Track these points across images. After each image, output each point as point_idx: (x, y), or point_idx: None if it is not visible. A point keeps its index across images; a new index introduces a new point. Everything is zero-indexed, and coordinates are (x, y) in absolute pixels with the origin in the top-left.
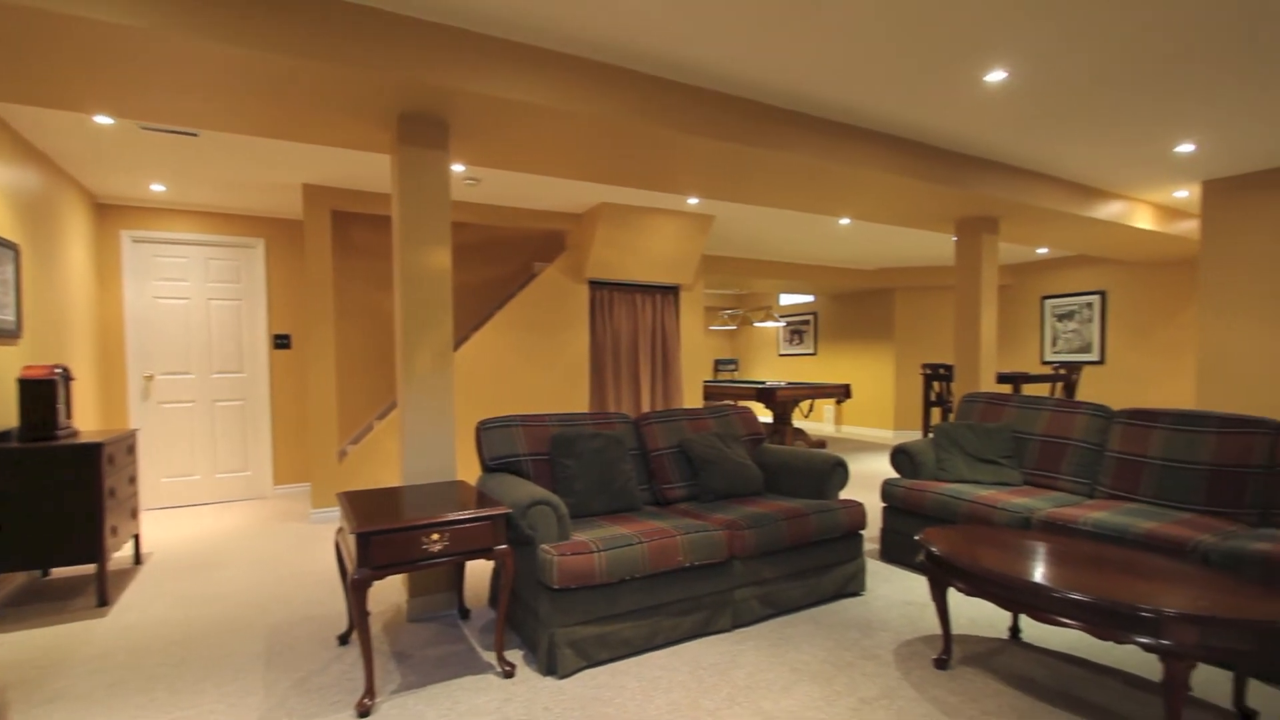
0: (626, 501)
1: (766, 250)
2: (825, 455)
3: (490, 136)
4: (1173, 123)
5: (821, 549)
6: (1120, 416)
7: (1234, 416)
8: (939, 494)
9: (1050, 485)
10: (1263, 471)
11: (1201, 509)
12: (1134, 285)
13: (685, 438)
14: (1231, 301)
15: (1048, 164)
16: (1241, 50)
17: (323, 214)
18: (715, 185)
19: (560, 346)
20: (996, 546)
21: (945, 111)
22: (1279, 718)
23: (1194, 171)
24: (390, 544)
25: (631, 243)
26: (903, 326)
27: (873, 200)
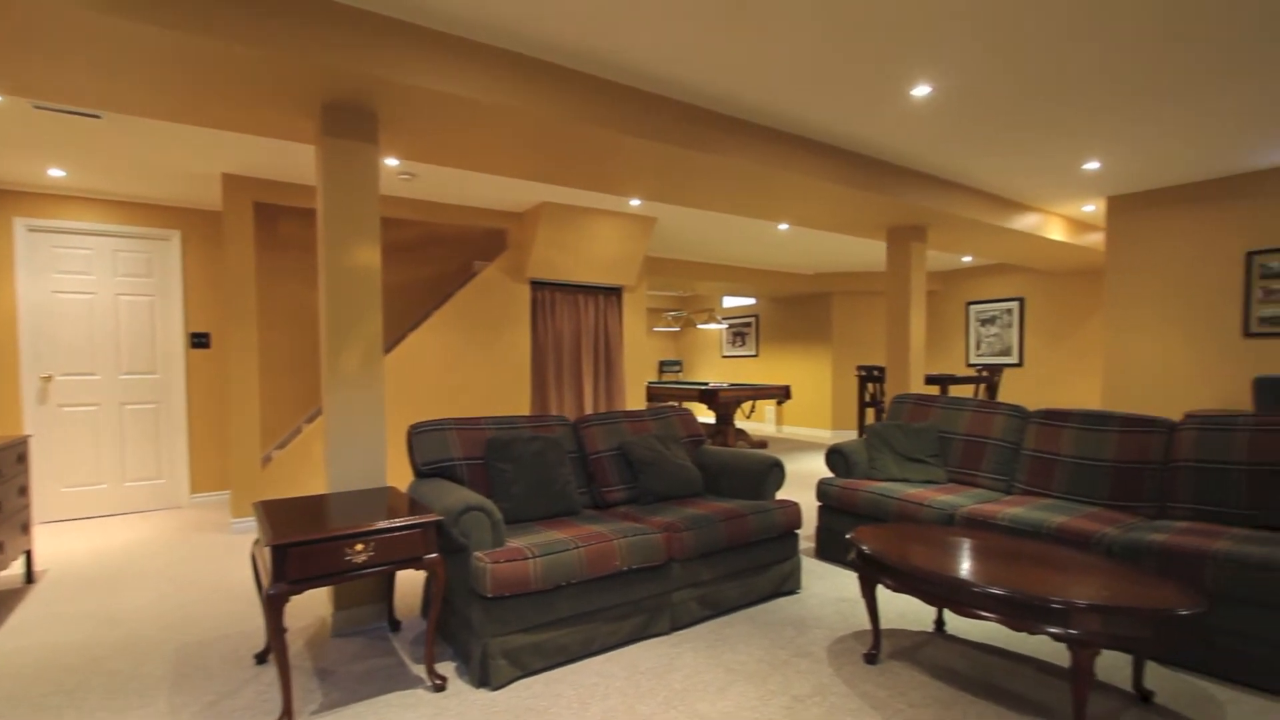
0: (565, 505)
1: (709, 253)
2: (763, 456)
3: (423, 130)
4: (1080, 142)
5: (759, 549)
6: (1035, 417)
7: (1134, 417)
8: (870, 492)
9: (972, 482)
10: (1159, 468)
11: (1106, 503)
12: (1048, 293)
13: (625, 440)
14: (1133, 309)
15: (970, 176)
16: (1141, 78)
17: (244, 205)
18: (656, 188)
19: (501, 348)
20: (922, 544)
21: (876, 123)
22: (1173, 696)
23: (1100, 187)
24: (309, 556)
25: (574, 243)
26: (840, 329)
27: (808, 206)
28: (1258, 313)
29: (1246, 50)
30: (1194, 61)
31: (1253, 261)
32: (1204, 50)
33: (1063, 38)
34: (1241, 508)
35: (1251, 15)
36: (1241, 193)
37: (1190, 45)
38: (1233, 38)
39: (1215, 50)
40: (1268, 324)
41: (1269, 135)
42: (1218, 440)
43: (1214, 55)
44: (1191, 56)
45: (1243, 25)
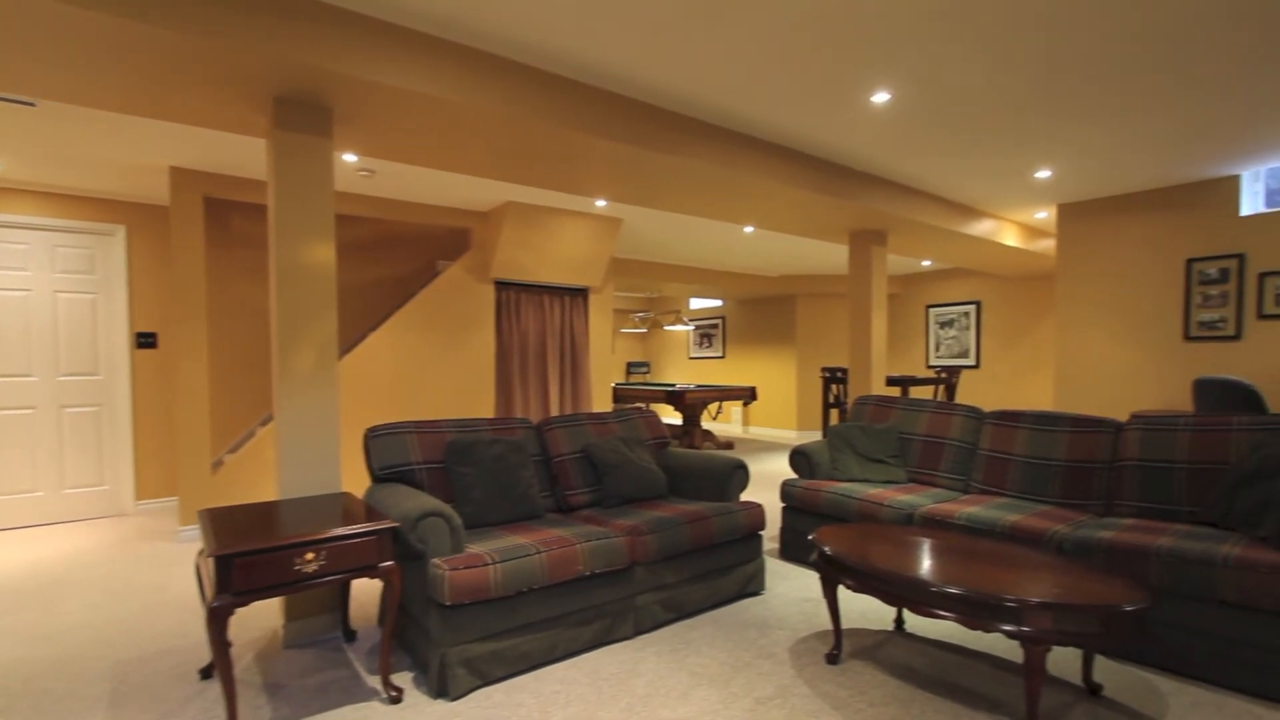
0: (527, 509)
1: (676, 255)
2: (726, 458)
3: (380, 126)
4: (1032, 151)
5: (723, 551)
6: (990, 417)
7: (1082, 418)
8: (832, 493)
9: (931, 482)
10: (1106, 467)
11: (1058, 501)
12: (1004, 297)
13: (589, 442)
14: (1082, 313)
15: (929, 183)
16: (1087, 92)
17: (193, 200)
18: (622, 189)
19: (465, 349)
20: (881, 544)
21: (837, 128)
22: (1120, 689)
23: (1051, 195)
24: (256, 566)
25: (539, 243)
26: (804, 331)
27: (773, 210)
28: (1196, 317)
29: (1187, 68)
30: (1138, 77)
31: (1192, 268)
32: (1147, 67)
33: (1013, 52)
34: (1183, 505)
35: (1193, 35)
36: (1182, 202)
37: (1134, 61)
38: (1174, 56)
39: (1158, 67)
40: (1205, 328)
41: (1206, 149)
42: (1161, 440)
43: (1157, 72)
44: (1135, 72)
45: (1184, 44)
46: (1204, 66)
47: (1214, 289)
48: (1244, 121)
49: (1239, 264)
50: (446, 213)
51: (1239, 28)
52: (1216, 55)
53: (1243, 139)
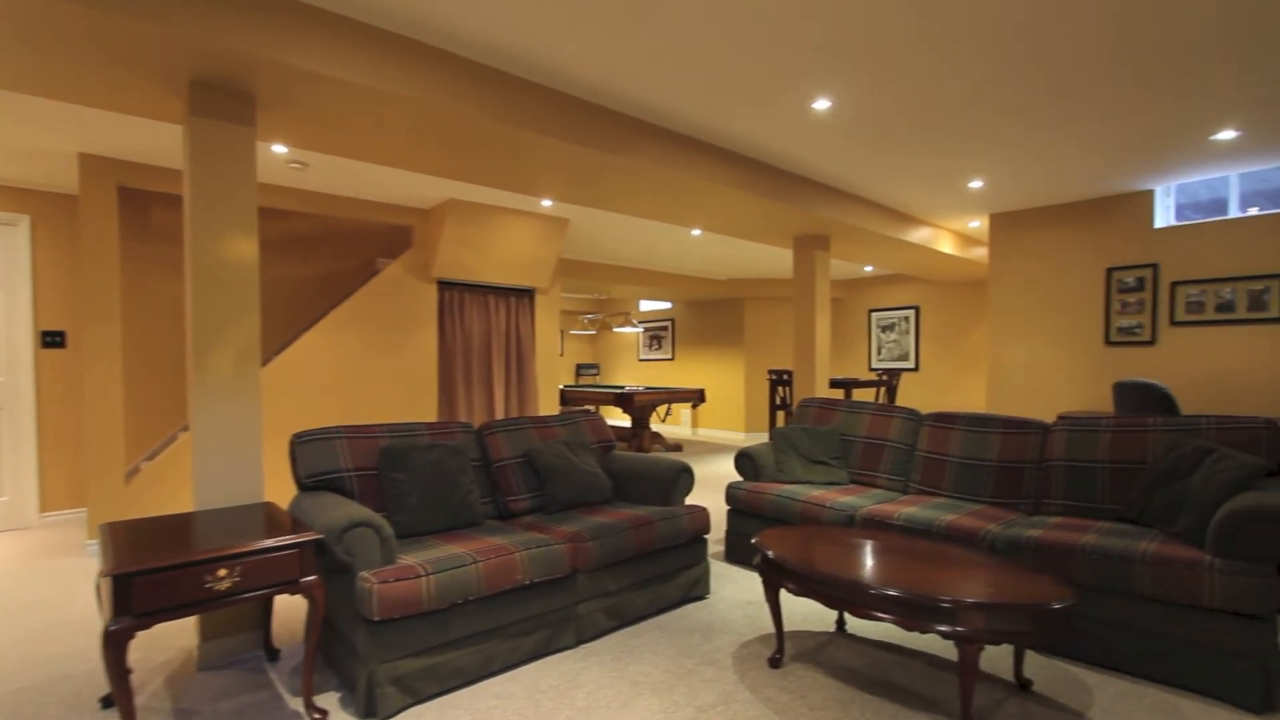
0: (466, 517)
1: (625, 256)
2: (671, 461)
3: (310, 116)
4: (965, 162)
5: (667, 556)
6: (927, 420)
7: (1013, 419)
8: (776, 495)
9: (871, 483)
10: (1035, 467)
11: (990, 500)
12: (940, 302)
13: (532, 447)
14: (1013, 318)
15: (870, 190)
16: (1014, 107)
17: (106, 190)
18: (567, 188)
19: (405, 351)
20: (822, 547)
21: (781, 134)
22: (1049, 683)
23: (983, 205)
24: (160, 585)
25: (483, 242)
26: (752, 334)
27: (718, 213)
28: (1116, 323)
29: (1103, 89)
30: (1058, 96)
31: (1111, 277)
32: (1067, 87)
33: (943, 68)
34: (1105, 503)
35: (1107, 59)
36: (1102, 215)
37: (1054, 81)
38: (1091, 78)
39: (1076, 88)
40: (1124, 333)
41: (1123, 164)
42: (1084, 441)
43: (1076, 92)
44: (1056, 91)
45: (1099, 67)
46: (1118, 88)
47: (1131, 297)
48: (1155, 139)
49: (1153, 273)
50: (386, 209)
51: (1150, 54)
52: (1130, 78)
53: (1154, 156)
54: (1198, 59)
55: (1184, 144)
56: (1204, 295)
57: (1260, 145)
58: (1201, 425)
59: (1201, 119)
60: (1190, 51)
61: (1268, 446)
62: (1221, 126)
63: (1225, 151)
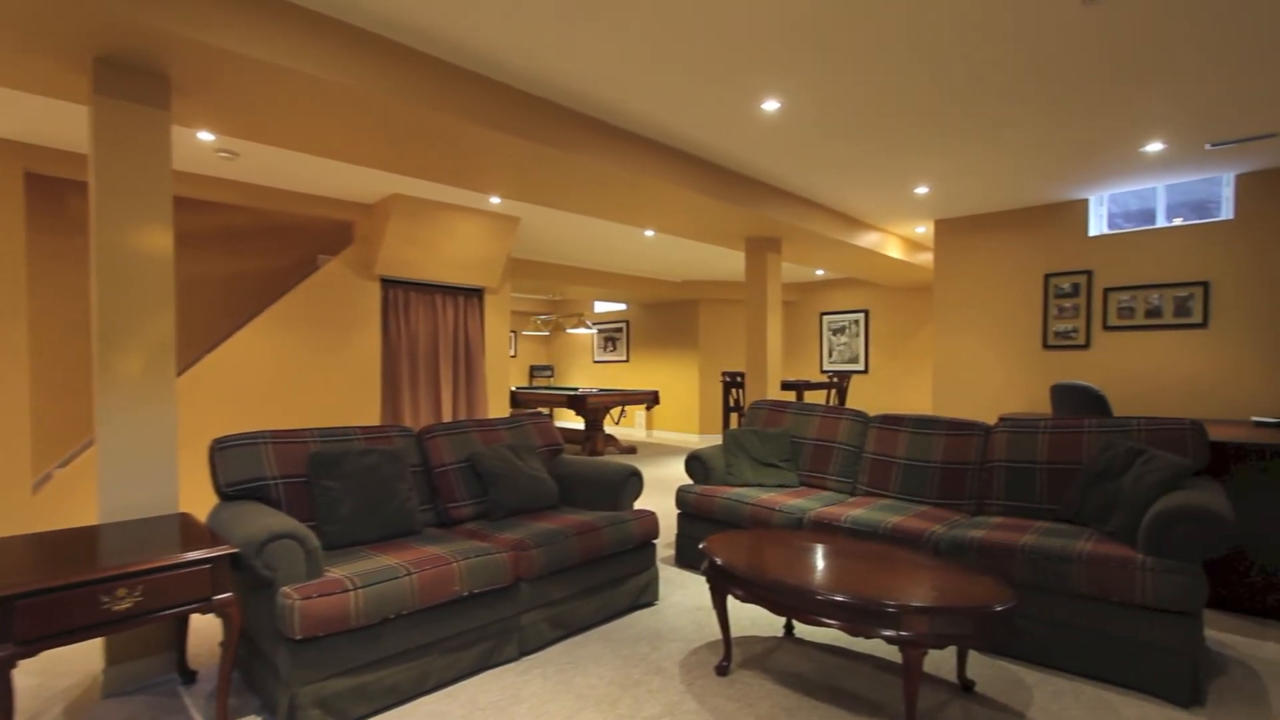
0: (404, 525)
1: (578, 257)
2: (620, 465)
3: (234, 101)
4: (911, 168)
5: (615, 562)
6: (875, 421)
7: (957, 421)
8: (726, 499)
9: (821, 485)
10: (977, 467)
11: (935, 501)
12: (889, 306)
13: (475, 451)
14: (957, 322)
15: (820, 194)
16: (956, 117)
17: (10, 176)
18: (517, 185)
19: (347, 351)
20: (769, 553)
21: (732, 135)
22: (991, 683)
23: (929, 210)
24: (48, 608)
25: (429, 239)
26: (706, 336)
27: (671, 214)
28: (1053, 327)
29: (1042, 99)
30: (1000, 105)
31: (1049, 283)
32: (1008, 96)
33: (888, 74)
34: (1044, 503)
35: (1042, 68)
36: (1041, 222)
37: (995, 90)
38: (1030, 88)
39: (1017, 97)
40: (1060, 337)
41: (1059, 173)
42: (1024, 442)
43: (1016, 102)
44: (997, 101)
45: (1036, 74)
46: (1053, 99)
47: (1067, 302)
48: (1088, 150)
49: (1088, 280)
50: (327, 203)
51: (1083, 68)
52: (1064, 90)
53: (1088, 166)
54: (1127, 73)
55: (1115, 155)
56: (1134, 301)
57: (1184, 158)
58: (1132, 426)
59: (1131, 131)
60: (1120, 66)
61: (1193, 446)
62: (1149, 139)
63: (1153, 163)
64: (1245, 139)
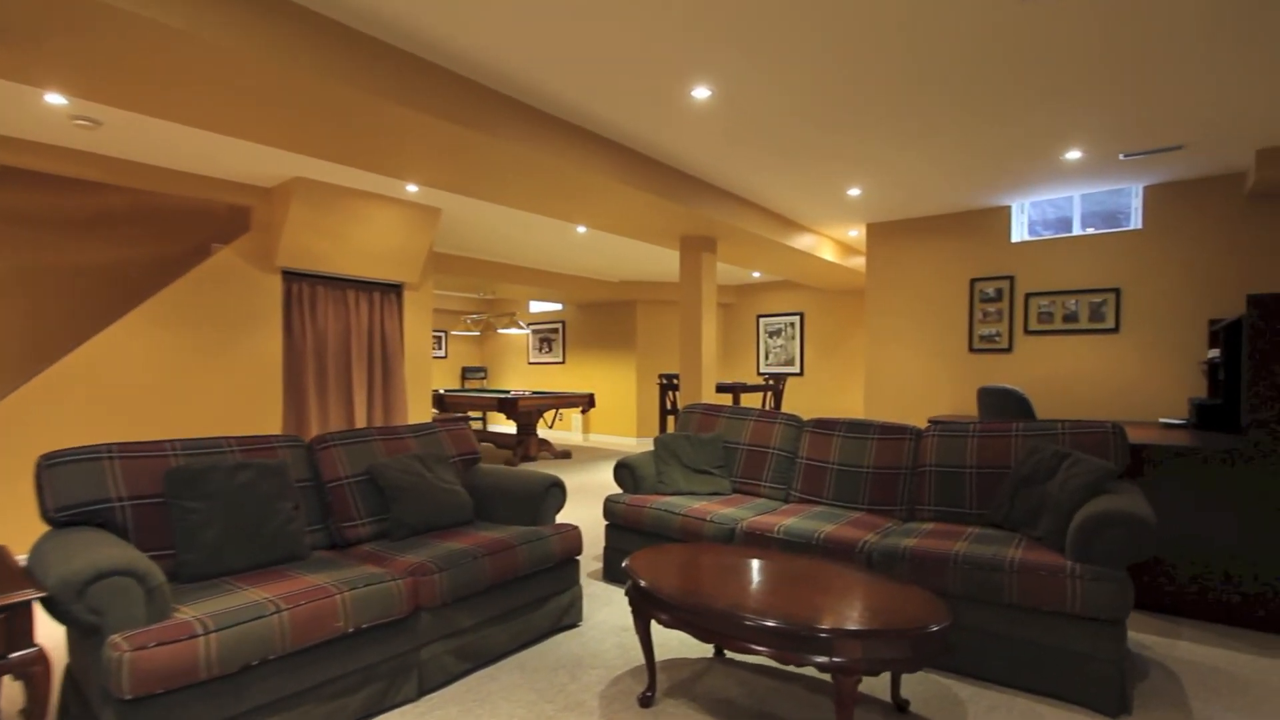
0: (285, 550)
1: (509, 253)
2: (540, 476)
3: (86, 57)
4: (844, 169)
5: (533, 582)
6: (808, 426)
7: (888, 425)
8: (656, 509)
9: (754, 492)
10: (909, 472)
11: (867, 507)
12: (823, 309)
13: (376, 463)
14: (888, 325)
15: (755, 193)
16: (887, 118)
17: None
18: (437, 172)
19: (241, 351)
20: (696, 572)
21: (663, 124)
22: (924, 701)
23: (861, 214)
24: None
25: (338, 229)
26: (644, 337)
27: (603, 208)
28: (978, 331)
29: (971, 101)
30: (928, 107)
31: (975, 287)
32: (936, 98)
33: (818, 70)
34: (974, 507)
35: (974, 72)
36: (967, 227)
37: (924, 92)
38: (958, 90)
39: (945, 100)
40: (985, 341)
41: (985, 178)
42: (953, 446)
43: (944, 104)
44: (926, 102)
45: (968, 78)
46: (981, 101)
47: (992, 306)
48: (1012, 154)
49: (1010, 285)
50: (219, 185)
51: (1008, 70)
52: (992, 91)
53: (1012, 171)
54: (1052, 81)
55: (1038, 161)
56: (1053, 306)
57: (1100, 167)
58: (1057, 430)
59: (1053, 138)
60: (1046, 73)
61: (1115, 449)
62: (1069, 146)
63: (1071, 171)
64: (1154, 150)
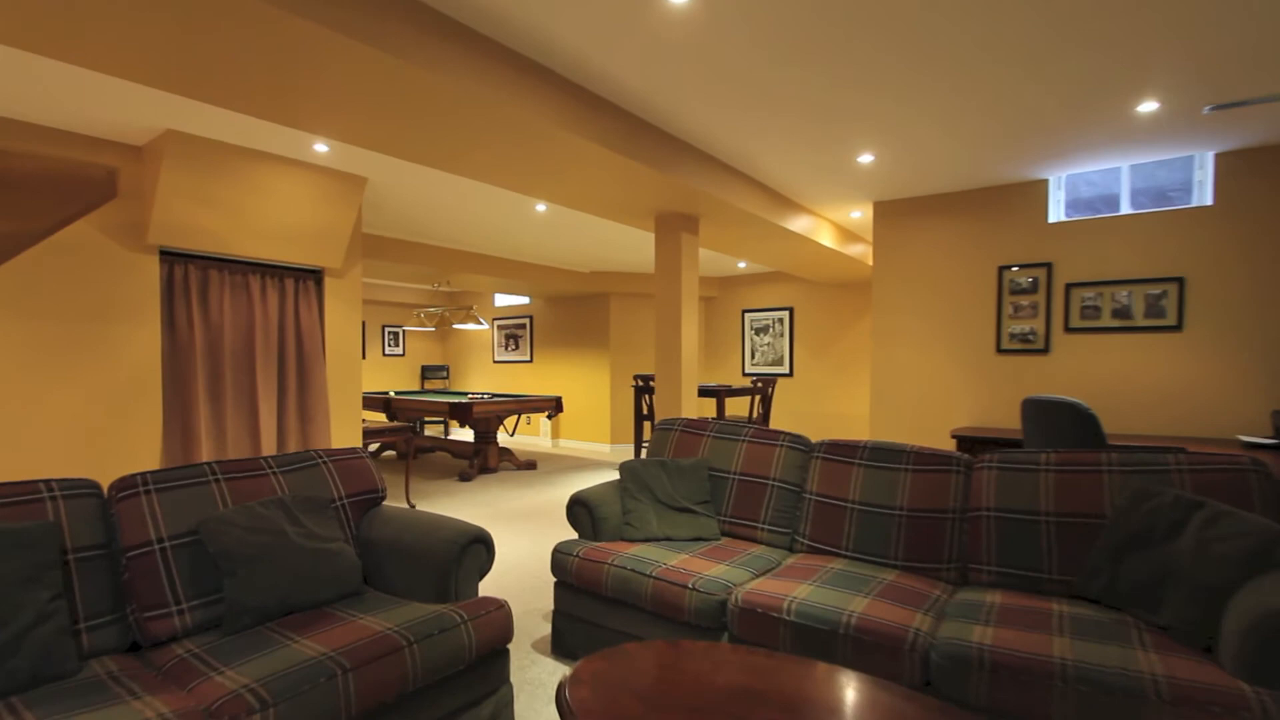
0: (34, 666)
1: (464, 238)
2: (455, 529)
3: None
4: (857, 128)
5: (434, 696)
6: (820, 450)
7: (927, 453)
8: (620, 566)
9: (750, 537)
10: (957, 516)
11: (904, 563)
12: (815, 303)
13: (212, 517)
14: (898, 320)
15: (746, 160)
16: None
17: None
18: (357, 120)
19: (103, 351)
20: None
21: (632, 45)
22: None
23: (869, 189)
24: None
25: (230, 199)
26: (618, 335)
27: (564, 175)
28: (1008, 328)
29: (1023, 34)
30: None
31: (1004, 276)
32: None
33: None
34: (1053, 571)
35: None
36: (995, 205)
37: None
38: (987, 34)
39: (972, 44)
40: (1017, 340)
41: (1028, 139)
42: (1020, 484)
43: (972, 49)
44: (950, 49)
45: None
46: (1038, 35)
47: (1025, 299)
48: (1072, 106)
49: (1047, 273)
50: (68, 140)
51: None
52: (1041, 26)
53: (1054, 134)
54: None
55: (1093, 117)
56: (1100, 299)
57: (1173, 125)
58: (1169, 465)
59: (1127, 79)
60: None
61: (1261, 494)
62: (1145, 94)
63: (1136, 130)
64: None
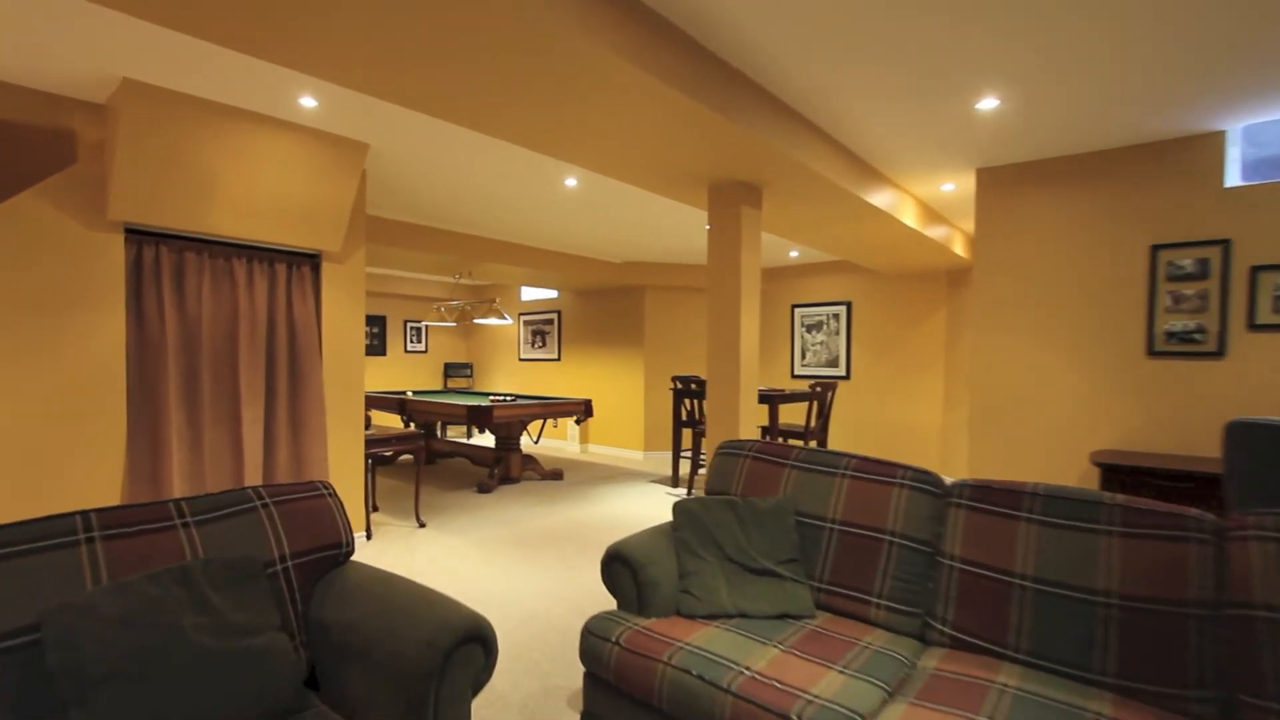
0: None
1: (485, 223)
2: (439, 620)
3: None
4: (982, 57)
5: None
6: (958, 494)
7: (1142, 507)
8: (681, 669)
9: (859, 615)
10: (1208, 615)
11: (1118, 683)
12: (877, 297)
13: (67, 604)
14: (1008, 317)
15: (828, 108)
16: None
17: None
18: (343, 56)
19: (56, 347)
20: None
21: None
22: None
23: (980, 149)
24: None
25: (203, 165)
26: (653, 331)
27: (606, 129)
28: (1164, 325)
29: None
30: None
31: (1159, 259)
32: None
33: None
34: None
35: None
36: (1147, 167)
37: None
38: None
39: None
40: (1177, 340)
41: (1198, 81)
42: None
43: None
44: None
45: None
46: None
47: (1189, 287)
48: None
49: (1223, 254)
50: (20, 96)
51: None
52: None
53: (1233, 66)
54: None
55: None
56: None
57: None
58: None
59: None
60: None
61: None
62: None
63: None
64: None
